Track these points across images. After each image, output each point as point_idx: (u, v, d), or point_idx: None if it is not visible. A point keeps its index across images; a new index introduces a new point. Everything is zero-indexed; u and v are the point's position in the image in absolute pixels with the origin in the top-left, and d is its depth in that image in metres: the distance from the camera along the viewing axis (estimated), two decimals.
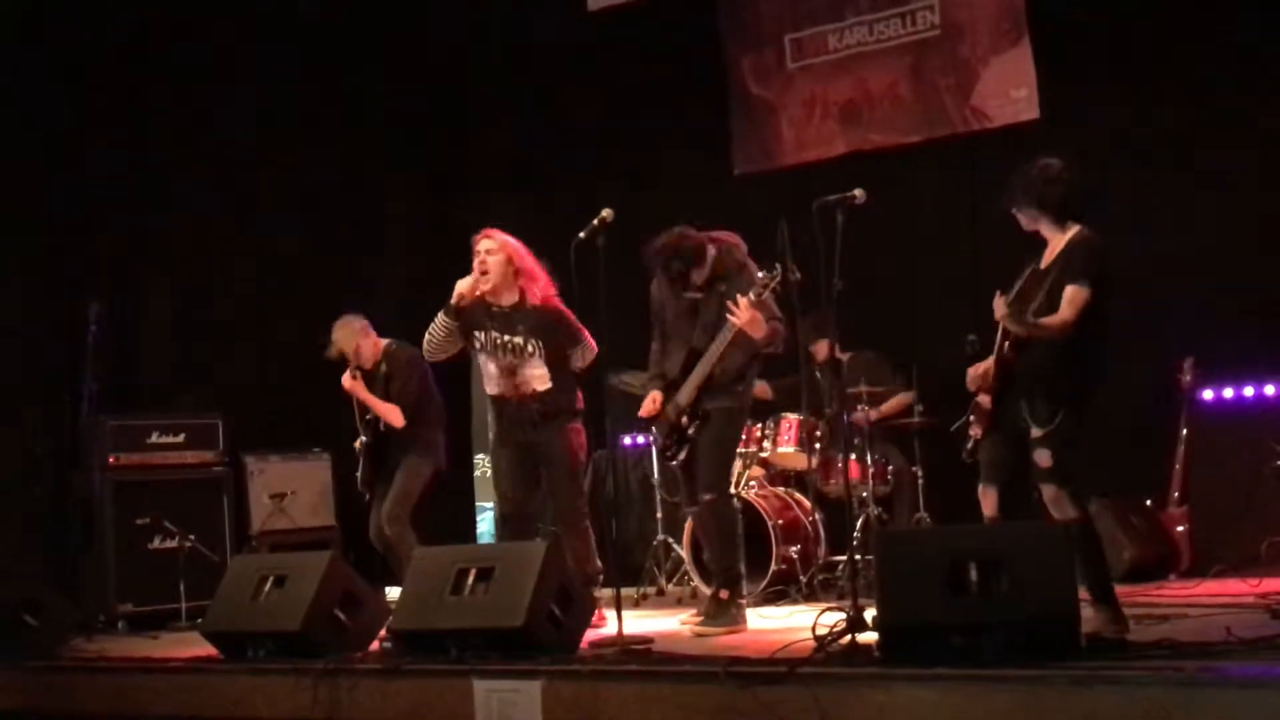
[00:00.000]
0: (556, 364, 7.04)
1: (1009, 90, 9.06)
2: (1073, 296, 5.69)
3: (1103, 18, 8.67)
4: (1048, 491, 5.63)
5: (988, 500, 5.84)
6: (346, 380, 7.91)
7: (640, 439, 9.69)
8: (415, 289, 10.79)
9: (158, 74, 9.83)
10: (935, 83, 9.39)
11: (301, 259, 10.10)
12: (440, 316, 7.07)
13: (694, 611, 7.15)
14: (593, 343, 7.02)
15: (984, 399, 5.89)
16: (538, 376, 7.02)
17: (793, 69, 10.00)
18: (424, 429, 8.07)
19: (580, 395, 7.18)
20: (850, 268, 7.16)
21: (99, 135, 9.63)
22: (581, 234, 6.53)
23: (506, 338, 7.01)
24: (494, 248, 7.02)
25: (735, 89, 10.21)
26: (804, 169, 9.58)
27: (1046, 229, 5.93)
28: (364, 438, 8.01)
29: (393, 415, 7.95)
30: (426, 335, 7.15)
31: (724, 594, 6.81)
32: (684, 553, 8.22)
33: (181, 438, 9.08)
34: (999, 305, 5.72)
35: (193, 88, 9.88)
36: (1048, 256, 5.92)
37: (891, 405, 8.73)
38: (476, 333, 7.06)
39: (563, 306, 7.06)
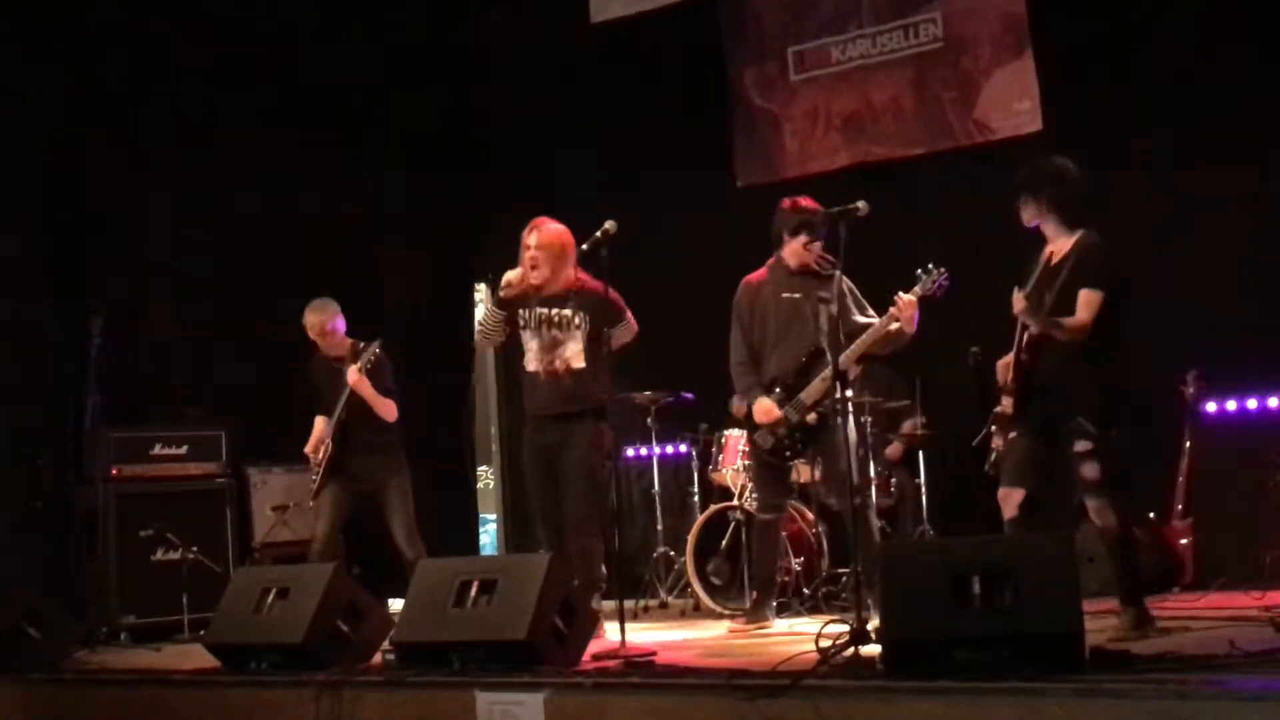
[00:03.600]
0: (593, 348, 7.13)
1: (1012, 103, 9.08)
2: (1088, 300, 5.79)
3: (1105, 30, 8.68)
4: (1094, 504, 5.78)
5: (1010, 501, 5.90)
6: (353, 375, 7.84)
7: (643, 451, 9.68)
8: (419, 303, 10.81)
9: (159, 84, 9.84)
10: (938, 95, 9.41)
11: (305, 272, 10.08)
12: (488, 308, 7.30)
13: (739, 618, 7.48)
14: (634, 324, 7.20)
15: (1006, 404, 5.94)
16: (575, 354, 7.14)
17: (796, 81, 10.01)
18: (395, 438, 8.10)
19: (608, 390, 7.23)
20: (853, 279, 7.21)
21: (101, 144, 9.63)
22: (585, 246, 6.56)
23: (554, 311, 7.15)
24: (542, 241, 7.12)
25: (738, 101, 10.23)
26: (807, 181, 9.57)
27: (1051, 228, 5.99)
28: (330, 446, 7.97)
29: (391, 410, 7.98)
30: (477, 326, 7.42)
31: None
32: (688, 565, 8.20)
33: (184, 449, 9.08)
34: (1018, 300, 5.79)
35: (195, 97, 9.88)
36: (1054, 256, 5.96)
37: (908, 427, 8.79)
38: (521, 310, 7.21)
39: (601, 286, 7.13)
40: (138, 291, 9.69)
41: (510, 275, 7.13)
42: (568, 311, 7.12)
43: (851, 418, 7.02)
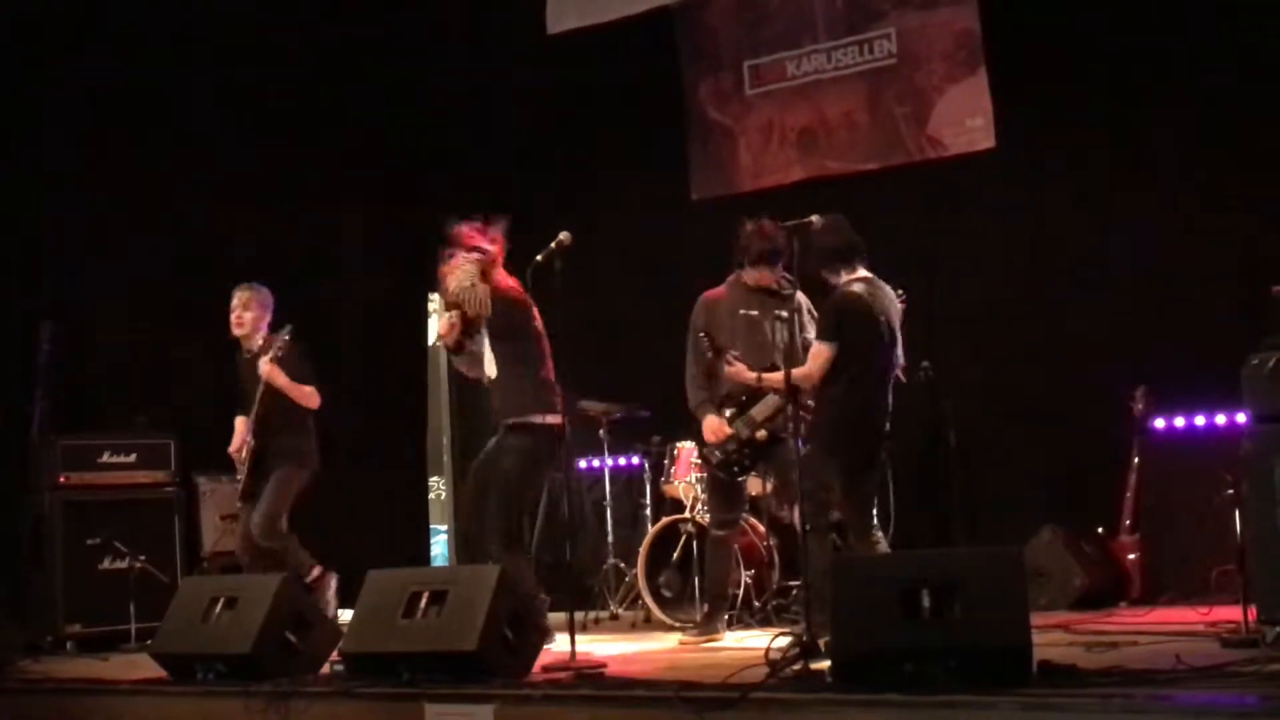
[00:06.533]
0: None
1: (964, 119, 9.11)
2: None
3: (1058, 48, 8.73)
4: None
5: None
6: (265, 365, 7.73)
7: (595, 463, 9.68)
8: (373, 309, 10.78)
9: (113, 90, 9.76)
10: (892, 111, 9.44)
11: (257, 279, 10.03)
12: None
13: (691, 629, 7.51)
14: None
15: None
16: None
17: (751, 95, 10.03)
18: (303, 436, 7.95)
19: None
20: (806, 292, 7.24)
21: (54, 149, 9.56)
22: (539, 257, 6.56)
23: None
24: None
25: (693, 114, 10.24)
26: (761, 194, 9.60)
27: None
28: (251, 443, 7.87)
29: (311, 397, 7.85)
30: None
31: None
32: (639, 577, 8.19)
33: (133, 457, 9.00)
34: None
35: (149, 104, 9.83)
36: None
37: None
38: None
39: None
40: (88, 298, 9.61)
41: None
42: None
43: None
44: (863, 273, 6.67)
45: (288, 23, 10.40)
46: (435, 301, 11.53)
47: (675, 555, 8.10)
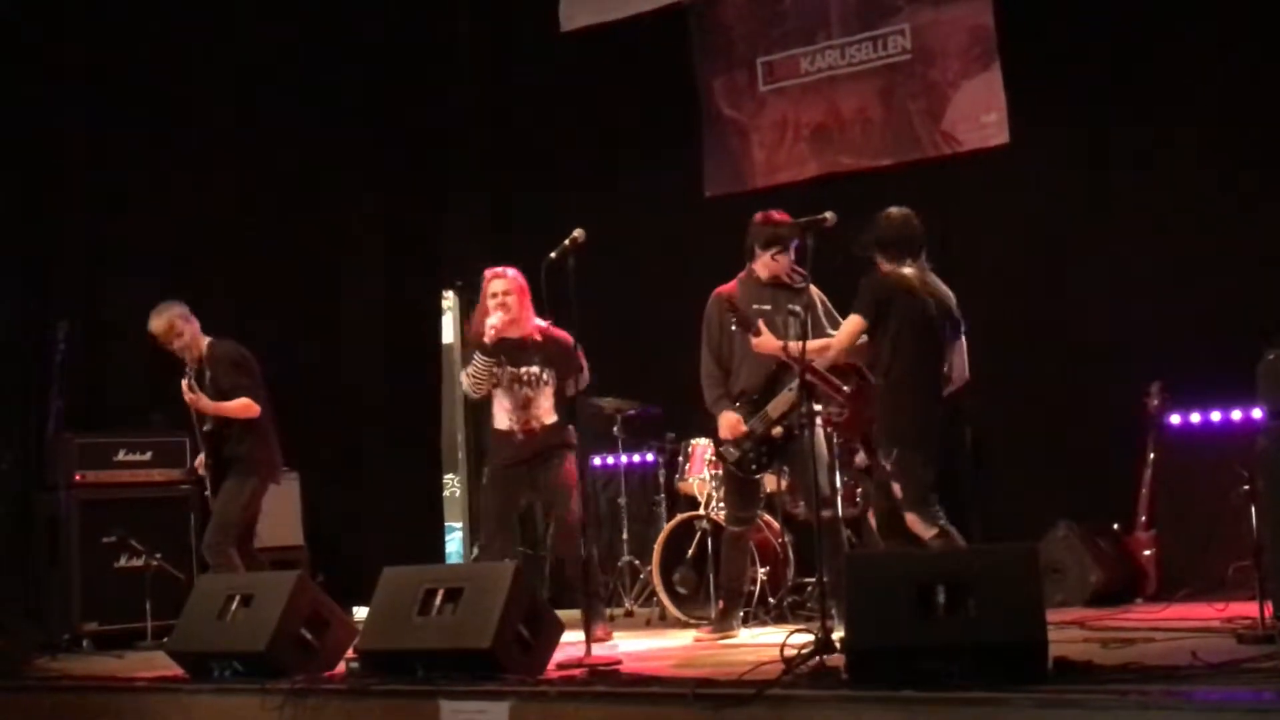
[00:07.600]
0: (559, 397, 7.42)
1: (979, 115, 9.10)
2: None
3: (1072, 43, 8.72)
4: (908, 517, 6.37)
5: None
6: (186, 391, 7.66)
7: (610, 460, 9.68)
8: (387, 307, 10.78)
9: (125, 88, 9.79)
10: (906, 106, 9.43)
11: (271, 280, 10.07)
12: (479, 356, 7.31)
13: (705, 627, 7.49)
14: (588, 374, 7.30)
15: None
16: (546, 409, 7.39)
17: (764, 91, 10.02)
18: (255, 445, 7.79)
19: (572, 429, 7.45)
20: (821, 289, 7.24)
21: (65, 147, 9.59)
22: (553, 254, 6.56)
23: (523, 370, 7.36)
24: (510, 287, 7.32)
25: (707, 111, 10.23)
26: (775, 191, 9.58)
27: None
28: (204, 455, 7.81)
29: (243, 409, 7.69)
30: (469, 378, 7.40)
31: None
32: (654, 574, 8.20)
33: (148, 456, 9.03)
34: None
35: (160, 102, 9.84)
36: None
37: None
38: (494, 369, 7.37)
39: (568, 335, 7.24)
40: (104, 298, 9.63)
41: (493, 321, 7.22)
42: (535, 369, 7.36)
43: (819, 429, 7.05)
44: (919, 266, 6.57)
45: (297, 20, 10.41)
46: (448, 299, 11.58)
47: (690, 552, 8.10)
